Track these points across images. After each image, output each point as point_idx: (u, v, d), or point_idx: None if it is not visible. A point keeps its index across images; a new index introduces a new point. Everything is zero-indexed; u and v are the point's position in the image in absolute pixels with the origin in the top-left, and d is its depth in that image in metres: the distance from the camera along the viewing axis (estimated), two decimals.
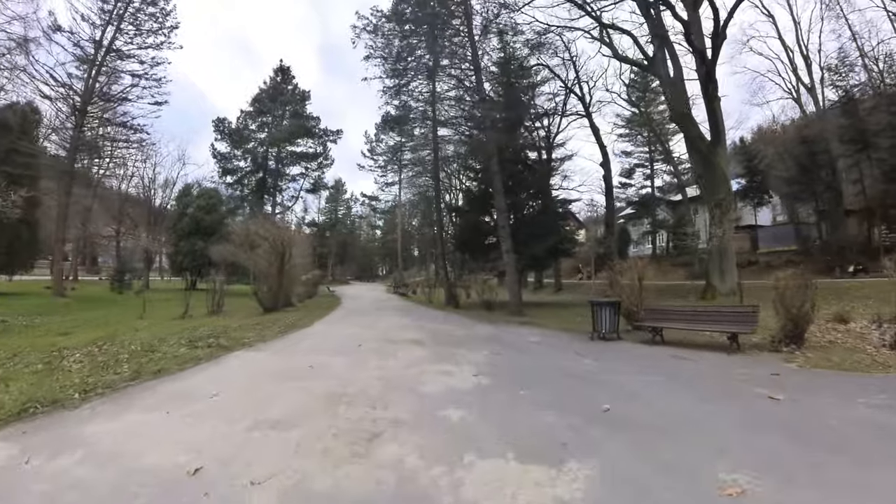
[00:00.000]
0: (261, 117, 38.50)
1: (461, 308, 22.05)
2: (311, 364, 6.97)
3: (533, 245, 21.61)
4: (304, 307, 21.87)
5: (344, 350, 8.62)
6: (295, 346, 9.32)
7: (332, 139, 40.33)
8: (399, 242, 54.25)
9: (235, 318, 15.22)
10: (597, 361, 7.41)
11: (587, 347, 9.04)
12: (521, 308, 17.01)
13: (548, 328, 12.98)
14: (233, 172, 38.83)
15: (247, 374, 6.54)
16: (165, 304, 19.43)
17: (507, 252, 17.12)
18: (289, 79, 40.09)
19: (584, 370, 6.70)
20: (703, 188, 19.12)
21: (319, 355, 7.89)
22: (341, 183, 72.56)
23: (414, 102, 26.01)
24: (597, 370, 6.70)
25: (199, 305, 17.17)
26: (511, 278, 17.09)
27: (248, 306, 18.07)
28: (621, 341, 9.91)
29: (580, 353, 8.09)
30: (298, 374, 6.30)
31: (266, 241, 17.07)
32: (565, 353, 8.40)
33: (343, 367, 6.84)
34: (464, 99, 22.43)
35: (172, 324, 13.95)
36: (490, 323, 14.44)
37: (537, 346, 9.30)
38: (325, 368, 6.72)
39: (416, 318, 15.73)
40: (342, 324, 14.00)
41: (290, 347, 9.20)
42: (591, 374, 6.39)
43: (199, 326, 12.30)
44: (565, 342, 10.02)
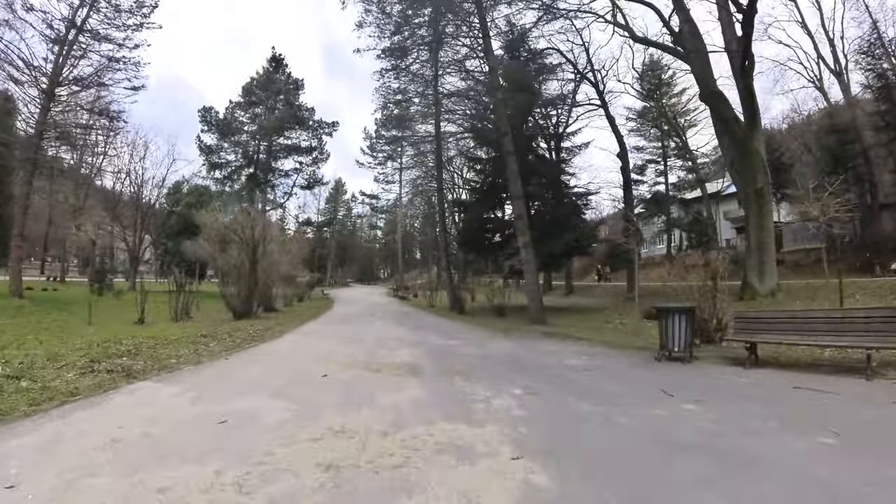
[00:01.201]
0: (252, 108, 35.73)
1: (467, 314, 19.13)
2: (227, 415, 4.09)
3: (548, 242, 18.75)
4: (289, 312, 19.03)
5: (299, 383, 5.72)
6: (231, 375, 6.42)
7: (327, 132, 37.49)
8: (399, 244, 51.37)
9: (194, 326, 12.42)
10: (702, 407, 4.48)
11: (663, 376, 6.11)
12: (542, 314, 14.09)
13: (585, 342, 10.06)
14: (221, 167, 36.05)
15: (102, 436, 3.63)
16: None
17: (525, 247, 14.21)
18: (282, 67, 37.36)
19: (700, 431, 3.76)
20: (738, 176, 16.73)
21: (255, 395, 4.99)
22: (341, 183, 70.03)
23: (413, 86, 23.21)
24: (717, 430, 3.78)
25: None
26: (530, 278, 14.17)
27: (225, 311, 15.26)
28: (699, 362, 7.13)
29: (666, 390, 5.13)
30: (187, 442, 3.41)
31: (235, 235, 14.21)
32: (640, 390, 5.45)
33: (275, 424, 3.92)
34: (471, 73, 19.61)
35: (109, 333, 11.17)
36: (506, 334, 11.51)
37: (588, 377, 6.34)
38: (242, 428, 3.83)
39: (414, 328, 12.81)
40: (320, 336, 11.10)
41: (224, 376, 6.30)
42: (719, 443, 3.45)
43: (133, 337, 9.51)
44: (624, 367, 7.08)
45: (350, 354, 7.90)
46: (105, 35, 25.62)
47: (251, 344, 9.59)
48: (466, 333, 11.79)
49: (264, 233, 14.68)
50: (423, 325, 13.85)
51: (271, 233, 15.49)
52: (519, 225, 14.50)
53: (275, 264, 18.03)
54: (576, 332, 12.13)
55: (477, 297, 26.38)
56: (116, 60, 26.22)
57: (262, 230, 14.48)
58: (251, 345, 9.50)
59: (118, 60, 26.25)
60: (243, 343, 9.65)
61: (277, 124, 32.44)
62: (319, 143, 37.83)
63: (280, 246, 20.07)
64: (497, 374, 6.24)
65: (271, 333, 11.22)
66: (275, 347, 9.24)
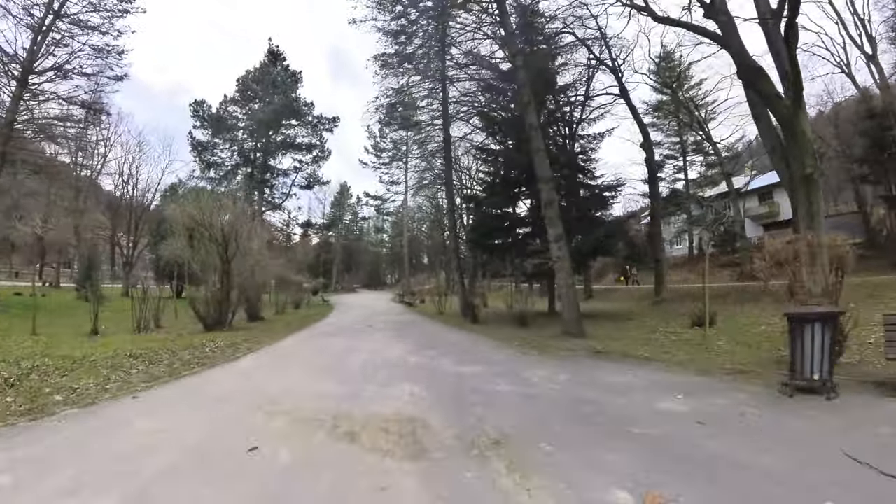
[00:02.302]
0: (248, 103, 33.43)
1: (481, 322, 16.34)
2: None
3: (575, 238, 16.07)
4: (277, 321, 16.43)
5: (197, 469, 3.01)
6: (107, 438, 3.74)
7: (327, 128, 35.09)
8: (406, 247, 48.75)
9: (150, 339, 9.90)
10: None
11: (823, 426, 3.45)
12: (580, 325, 11.29)
13: (654, 365, 7.28)
14: (216, 166, 33.76)
15: None
16: (115, 316, 14.28)
17: (558, 241, 11.43)
18: (279, 61, 35.08)
19: None
20: (781, 162, 14.60)
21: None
22: (346, 187, 67.85)
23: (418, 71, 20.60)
24: None
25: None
26: (564, 278, 11.36)
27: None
28: (842, 398, 4.34)
29: (855, 457, 2.33)
30: None
31: (202, 229, 11.63)
32: (817, 464, 2.66)
33: None
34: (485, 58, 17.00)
35: (39, 345, 8.79)
36: (541, 353, 8.70)
37: (715, 441, 3.52)
38: None
39: (420, 344, 10.03)
40: (293, 357, 8.40)
41: (90, 442, 3.62)
42: None
43: (44, 356, 7.03)
44: (750, 412, 4.25)
45: (318, 395, 5.17)
46: (86, 21, 23.54)
47: (193, 369, 6.95)
48: (489, 352, 9.00)
49: (236, 226, 12.04)
50: (432, 340, 11.08)
51: (246, 227, 12.82)
52: (549, 213, 11.71)
53: (258, 266, 15.45)
54: (627, 347, 9.37)
55: (490, 302, 23.71)
56: (98, 49, 24.16)
57: (232, 222, 11.85)
58: (192, 371, 6.86)
59: (100, 49, 24.18)
60: (183, 368, 7.02)
61: (272, 116, 30.03)
62: (320, 141, 35.51)
63: (266, 245, 17.50)
64: (568, 444, 3.47)
65: (232, 352, 8.58)
66: (220, 376, 6.57)
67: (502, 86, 20.73)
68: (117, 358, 7.56)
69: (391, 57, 19.51)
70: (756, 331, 10.05)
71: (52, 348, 8.96)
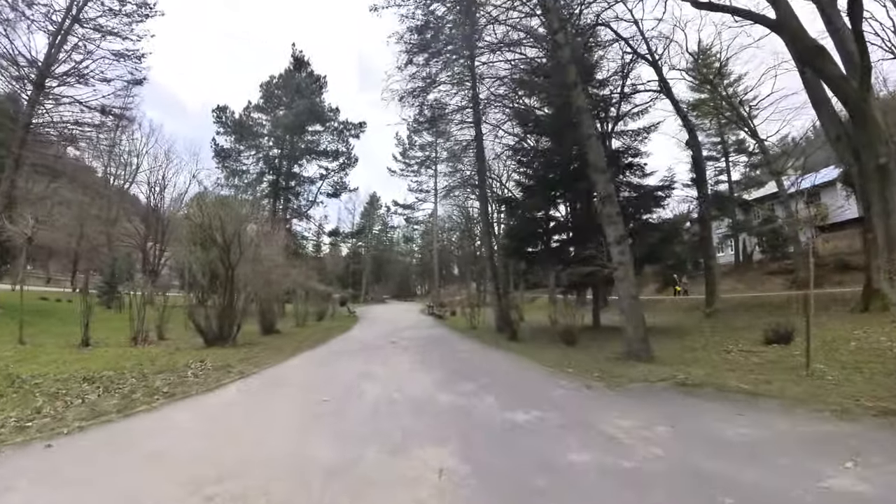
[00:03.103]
0: (271, 109, 32.65)
1: (520, 340, 14.22)
2: None
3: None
4: (294, 335, 14.86)
5: None
6: None
7: (353, 133, 33.89)
8: (435, 256, 47.02)
9: (140, 355, 8.43)
10: None
11: None
12: (648, 345, 9.11)
13: (764, 400, 5.17)
14: (241, 174, 33.05)
15: None
16: (126, 325, 13.07)
17: (619, 243, 9.30)
18: (304, 67, 34.29)
19: None
20: (848, 152, 12.88)
21: None
22: (376, 198, 67.16)
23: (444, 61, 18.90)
24: None
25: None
26: (628, 289, 9.15)
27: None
28: None
29: None
30: None
31: (202, 231, 10.16)
32: None
33: None
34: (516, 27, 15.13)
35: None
36: (608, 384, 6.59)
37: None
38: None
39: (452, 370, 8.07)
40: (288, 389, 6.57)
41: None
42: None
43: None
44: None
45: (292, 468, 3.30)
46: (105, 27, 23.22)
47: (153, 403, 5.30)
48: (542, 383, 6.94)
49: (239, 228, 10.50)
50: (466, 364, 9.08)
51: (254, 231, 11.30)
52: (607, 210, 9.58)
53: (268, 275, 13.93)
54: (712, 374, 7.23)
55: (525, 315, 21.52)
56: (117, 54, 23.79)
57: (236, 225, 10.32)
58: (150, 406, 5.21)
59: (119, 54, 23.82)
60: (142, 400, 5.41)
61: (295, 120, 29.00)
62: (346, 147, 34.37)
63: (287, 253, 16.05)
64: None
65: (217, 377, 6.91)
66: (179, 417, 4.83)
67: (537, 80, 18.88)
68: (69, 381, 6.00)
69: (416, 48, 17.92)
70: (848, 348, 8.20)
71: (19, 362, 7.56)
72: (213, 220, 9.89)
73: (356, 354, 10.14)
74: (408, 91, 18.35)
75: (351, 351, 10.82)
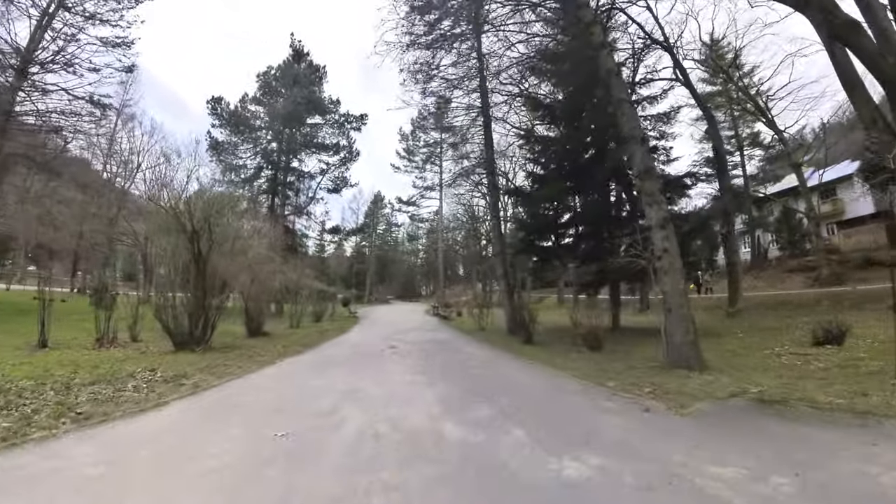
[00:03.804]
0: (269, 101, 31.16)
1: (537, 343, 12.58)
2: None
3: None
4: (284, 337, 13.32)
5: None
6: None
7: (355, 126, 32.38)
8: (440, 254, 45.44)
9: (86, 358, 6.96)
10: None
11: None
12: (698, 352, 7.49)
13: (884, 420, 3.51)
14: (238, 169, 31.58)
15: None
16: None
17: (662, 227, 7.67)
18: (303, 59, 32.81)
19: None
20: (886, 137, 11.23)
21: None
22: (380, 196, 65.70)
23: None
24: None
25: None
26: (674, 284, 7.48)
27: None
28: None
29: None
30: None
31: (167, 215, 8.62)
32: None
33: None
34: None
35: None
36: (668, 405, 4.96)
37: None
38: None
39: (462, 387, 6.42)
40: (244, 414, 4.90)
41: None
42: None
43: None
44: None
45: None
46: (92, 13, 21.88)
47: (50, 430, 3.80)
48: (581, 405, 5.28)
49: (211, 214, 8.95)
50: (478, 377, 7.42)
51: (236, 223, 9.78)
52: (647, 186, 7.92)
53: (257, 272, 12.40)
54: (787, 386, 5.67)
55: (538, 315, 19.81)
56: (106, 42, 22.49)
57: (207, 210, 8.77)
58: (51, 432, 3.73)
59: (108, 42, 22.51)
60: (42, 424, 4.05)
61: (293, 110, 27.52)
62: (348, 141, 32.87)
63: (270, 246, 14.53)
64: None
65: (161, 393, 5.36)
66: (72, 456, 3.25)
67: (547, 66, 17.29)
68: None
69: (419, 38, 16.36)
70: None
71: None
72: (180, 204, 8.33)
73: (347, 363, 8.53)
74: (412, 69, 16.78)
75: (342, 358, 9.22)
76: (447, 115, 21.32)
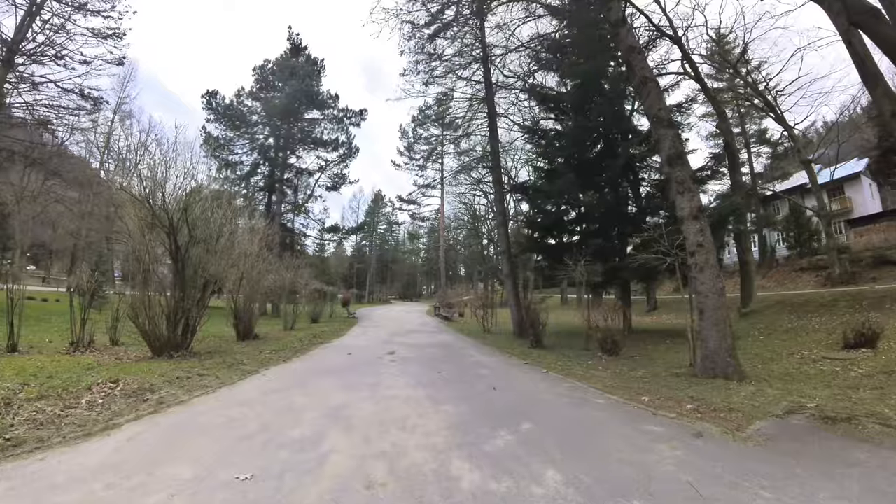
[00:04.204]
0: (265, 96, 30.21)
1: (546, 347, 11.68)
2: None
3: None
4: (274, 341, 12.45)
5: None
6: None
7: (354, 122, 31.43)
8: (442, 253, 44.50)
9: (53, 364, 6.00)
10: None
11: None
12: (737, 360, 6.60)
13: None
14: (233, 166, 30.64)
15: None
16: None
17: (696, 217, 6.78)
18: (301, 53, 31.86)
19: None
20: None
21: None
22: (381, 196, 64.82)
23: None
24: None
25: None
26: (711, 281, 6.52)
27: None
28: None
29: None
30: None
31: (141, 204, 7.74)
32: None
33: None
34: None
35: None
36: (734, 434, 4.06)
37: None
38: None
39: (474, 407, 5.47)
40: (197, 442, 4.02)
41: None
42: None
43: None
44: None
45: None
46: (82, 1, 21.07)
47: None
48: (624, 436, 4.30)
49: (189, 202, 8.05)
50: (490, 392, 6.49)
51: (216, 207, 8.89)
52: (678, 173, 7.01)
53: (249, 271, 11.52)
54: (839, 399, 4.84)
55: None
56: (97, 33, 21.71)
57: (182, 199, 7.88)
58: None
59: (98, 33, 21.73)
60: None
61: (289, 102, 26.61)
62: (347, 137, 31.92)
63: (263, 243, 13.64)
64: None
65: (122, 409, 4.47)
66: None
67: (555, 57, 16.42)
68: None
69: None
70: None
71: None
72: (148, 182, 7.40)
73: (339, 372, 7.63)
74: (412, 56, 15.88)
75: (334, 366, 8.32)
76: (449, 108, 20.46)
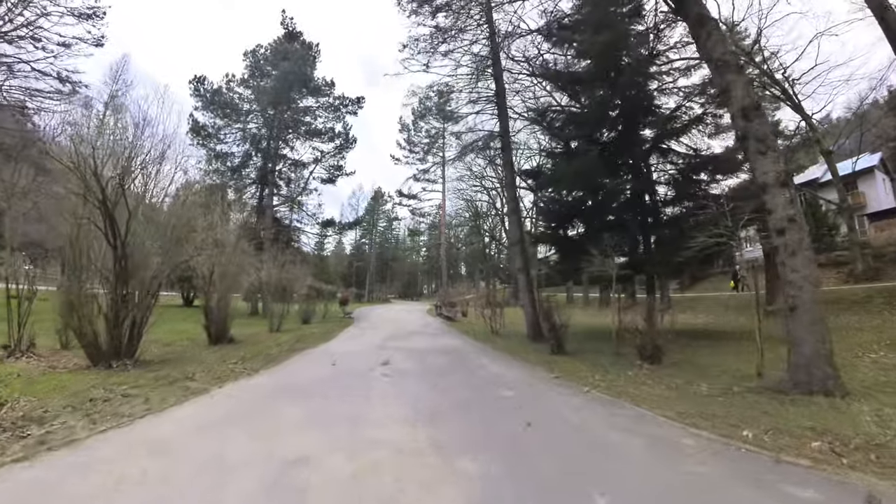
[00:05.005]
0: (256, 81, 28.43)
1: (570, 353, 9.95)
2: None
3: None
4: (252, 345, 10.75)
5: None
6: None
7: (350, 110, 29.69)
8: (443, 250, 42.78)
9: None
10: None
11: None
12: (834, 369, 4.89)
13: None
14: (223, 157, 28.89)
15: None
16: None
17: (783, 183, 5.06)
18: (295, 38, 30.10)
19: None
20: None
21: None
22: (381, 193, 63.20)
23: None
24: None
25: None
26: (806, 267, 4.81)
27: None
28: None
29: None
30: None
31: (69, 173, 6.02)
32: None
33: None
34: None
35: None
36: None
37: None
38: None
39: (490, 448, 3.79)
40: None
41: None
42: None
43: None
44: None
45: None
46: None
47: None
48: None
49: (128, 165, 6.30)
50: (520, 433, 4.82)
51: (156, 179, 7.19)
52: (755, 128, 5.15)
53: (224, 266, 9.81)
54: None
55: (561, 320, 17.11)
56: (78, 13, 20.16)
57: (121, 160, 6.14)
58: None
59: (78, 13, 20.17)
60: None
61: (280, 86, 24.87)
62: (343, 127, 30.21)
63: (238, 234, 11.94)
64: None
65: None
66: None
67: (567, 35, 14.71)
68: None
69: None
70: None
71: None
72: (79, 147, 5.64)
73: (314, 393, 5.87)
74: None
75: (307, 385, 6.54)
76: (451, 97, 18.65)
